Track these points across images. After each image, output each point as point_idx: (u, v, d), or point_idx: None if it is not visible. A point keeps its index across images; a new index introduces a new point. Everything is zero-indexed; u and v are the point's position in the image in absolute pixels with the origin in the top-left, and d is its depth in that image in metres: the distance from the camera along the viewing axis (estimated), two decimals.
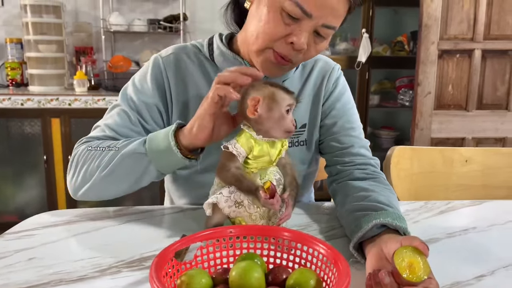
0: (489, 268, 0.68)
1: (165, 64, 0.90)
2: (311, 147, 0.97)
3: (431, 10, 2.43)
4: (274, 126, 0.69)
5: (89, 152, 0.83)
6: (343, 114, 0.95)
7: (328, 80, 0.97)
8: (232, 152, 0.69)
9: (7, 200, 2.59)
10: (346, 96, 0.98)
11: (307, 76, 0.97)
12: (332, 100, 0.96)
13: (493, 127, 2.58)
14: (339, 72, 1.00)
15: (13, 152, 2.54)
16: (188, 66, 0.91)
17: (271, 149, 0.70)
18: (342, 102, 0.97)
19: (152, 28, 2.84)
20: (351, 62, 2.93)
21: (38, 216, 0.87)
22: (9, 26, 2.87)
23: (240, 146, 0.69)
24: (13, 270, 0.65)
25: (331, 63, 1.00)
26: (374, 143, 3.26)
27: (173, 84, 0.90)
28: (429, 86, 2.52)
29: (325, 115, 0.96)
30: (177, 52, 0.92)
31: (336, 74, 0.98)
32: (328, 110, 0.96)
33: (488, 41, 2.48)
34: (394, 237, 0.63)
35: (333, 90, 0.97)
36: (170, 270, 0.55)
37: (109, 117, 0.88)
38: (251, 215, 0.69)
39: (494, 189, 1.24)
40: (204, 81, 0.91)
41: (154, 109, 0.89)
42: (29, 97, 2.43)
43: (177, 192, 0.99)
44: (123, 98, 0.89)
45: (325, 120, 0.96)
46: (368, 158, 0.93)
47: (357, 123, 0.97)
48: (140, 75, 0.92)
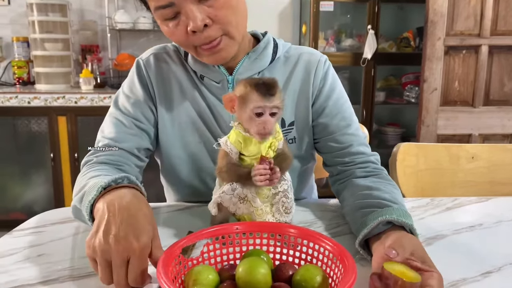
0: (496, 264, 0.68)
1: (145, 65, 0.93)
2: (302, 145, 0.94)
3: (437, 6, 2.41)
4: (248, 126, 0.69)
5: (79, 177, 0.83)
6: (337, 111, 0.92)
7: (315, 75, 0.92)
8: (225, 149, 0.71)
9: (15, 197, 2.61)
10: (338, 91, 0.94)
11: (290, 70, 0.93)
12: (323, 98, 0.92)
13: (500, 123, 2.56)
14: (327, 64, 0.94)
15: (20, 150, 2.56)
16: (170, 64, 0.94)
17: (261, 144, 0.69)
18: (334, 98, 0.92)
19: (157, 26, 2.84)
20: (356, 59, 2.92)
21: (46, 213, 0.88)
22: (16, 25, 2.88)
23: (231, 143, 0.70)
24: (22, 266, 0.66)
25: (317, 55, 0.95)
26: (380, 140, 3.25)
27: (155, 82, 0.92)
28: (435, 83, 2.50)
29: (318, 114, 0.92)
30: (157, 52, 0.95)
31: (324, 68, 0.93)
32: (320, 109, 0.92)
33: (495, 36, 2.46)
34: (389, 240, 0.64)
35: (323, 86, 0.92)
36: (177, 266, 0.55)
37: (106, 127, 0.91)
38: (257, 210, 0.70)
39: (500, 185, 1.23)
40: (186, 77, 0.93)
41: (146, 108, 0.91)
42: (35, 95, 2.45)
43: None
44: (115, 106, 0.92)
45: (318, 119, 0.92)
46: (368, 155, 0.91)
47: (352, 118, 0.93)
48: (127, 81, 0.95)
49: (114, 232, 0.58)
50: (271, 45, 0.92)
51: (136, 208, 0.63)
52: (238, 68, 0.90)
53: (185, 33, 0.79)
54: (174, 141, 0.93)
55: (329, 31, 3.06)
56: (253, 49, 0.91)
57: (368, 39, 2.83)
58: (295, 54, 0.94)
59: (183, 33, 0.80)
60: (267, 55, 0.91)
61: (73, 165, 2.51)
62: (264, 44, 0.92)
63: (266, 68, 0.91)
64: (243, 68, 0.90)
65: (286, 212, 0.71)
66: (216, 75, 0.90)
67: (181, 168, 0.95)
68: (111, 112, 0.92)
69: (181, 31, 0.79)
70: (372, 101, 3.01)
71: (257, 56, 0.90)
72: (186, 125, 0.92)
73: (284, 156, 0.73)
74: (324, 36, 2.99)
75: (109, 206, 0.62)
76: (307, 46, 1.06)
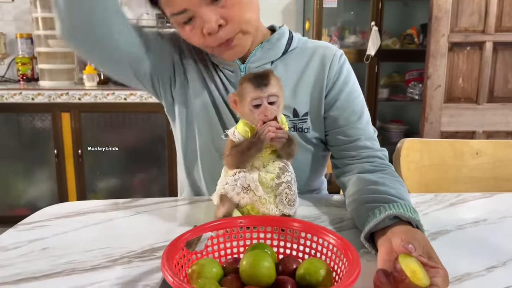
0: (500, 259, 0.67)
1: (181, 39, 0.93)
2: (316, 134, 0.94)
3: (441, 2, 2.40)
4: (251, 120, 0.72)
5: None
6: (348, 105, 0.92)
7: (330, 69, 0.93)
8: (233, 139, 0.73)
9: (19, 194, 2.62)
10: (351, 85, 0.94)
11: (306, 62, 0.94)
12: (336, 91, 0.92)
13: (504, 120, 2.55)
14: (343, 58, 0.95)
15: (24, 147, 2.57)
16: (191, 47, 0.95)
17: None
18: (347, 92, 0.93)
19: (161, 23, 2.84)
20: (360, 55, 2.91)
21: (50, 207, 0.88)
22: (19, 22, 2.89)
23: (239, 133, 0.72)
24: (27, 260, 0.66)
25: (332, 49, 0.96)
26: (383, 136, 3.24)
27: (188, 54, 0.94)
28: (439, 79, 2.49)
29: (330, 106, 0.93)
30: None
31: (339, 62, 0.94)
32: (332, 101, 0.93)
33: (500, 33, 2.44)
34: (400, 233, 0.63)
35: (336, 80, 0.93)
36: (182, 259, 0.55)
37: None
38: (260, 199, 0.70)
39: (505, 181, 1.23)
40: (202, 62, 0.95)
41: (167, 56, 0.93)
42: (39, 91, 2.45)
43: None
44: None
45: (329, 112, 0.93)
46: (375, 150, 0.91)
47: (363, 111, 0.93)
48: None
49: None
50: (285, 37, 0.94)
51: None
52: (251, 57, 0.92)
53: (201, 36, 0.82)
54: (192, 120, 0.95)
55: (333, 27, 3.05)
56: (267, 39, 0.93)
57: (371, 35, 2.82)
58: (311, 47, 0.96)
59: (199, 36, 0.82)
60: (280, 46, 0.93)
61: (77, 162, 2.52)
62: (278, 35, 0.93)
63: (279, 58, 0.93)
64: (256, 57, 0.92)
65: (290, 204, 0.71)
66: (229, 63, 0.92)
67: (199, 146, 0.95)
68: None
69: (197, 34, 0.82)
70: (376, 98, 3.00)
71: (270, 46, 0.92)
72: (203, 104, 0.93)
73: (291, 140, 0.74)
74: (327, 32, 2.98)
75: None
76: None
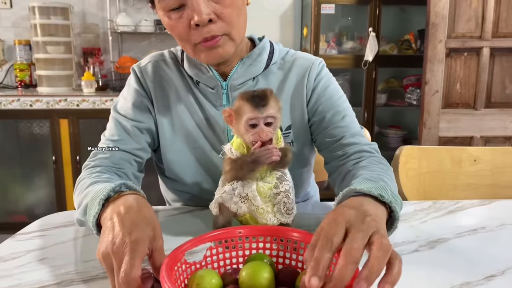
0: (500, 268, 0.67)
1: (142, 72, 0.95)
2: (299, 147, 0.94)
3: (438, 8, 2.41)
4: (245, 138, 0.71)
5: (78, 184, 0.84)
6: (331, 107, 0.91)
7: (308, 78, 0.92)
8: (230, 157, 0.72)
9: (17, 200, 2.62)
10: (331, 89, 0.94)
11: (284, 75, 0.93)
12: (316, 97, 0.92)
13: (502, 125, 2.56)
14: (320, 66, 0.95)
15: (22, 153, 2.56)
16: (166, 71, 0.95)
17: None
18: (327, 96, 0.92)
19: (159, 29, 2.85)
20: (358, 61, 2.92)
21: (49, 217, 0.88)
22: (18, 28, 2.90)
23: (235, 149, 0.72)
24: (25, 270, 0.66)
25: (311, 59, 0.95)
26: (381, 142, 3.24)
27: (152, 89, 0.93)
28: (437, 85, 2.50)
29: (312, 113, 0.93)
30: (155, 60, 0.96)
31: (317, 70, 0.94)
32: (314, 108, 0.92)
33: (497, 39, 2.46)
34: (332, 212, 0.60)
35: (315, 87, 0.93)
36: (180, 270, 0.55)
37: (107, 130, 0.92)
38: (258, 209, 0.70)
39: (503, 188, 1.23)
40: (182, 83, 0.94)
41: (146, 110, 0.93)
42: (37, 98, 2.46)
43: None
44: (115, 110, 0.94)
45: (313, 118, 0.93)
46: (362, 145, 0.88)
47: (347, 111, 0.92)
48: (126, 87, 0.96)
49: (112, 237, 0.58)
50: (266, 51, 0.93)
51: (136, 212, 0.63)
52: (232, 74, 0.90)
53: (187, 27, 0.80)
54: (172, 146, 0.93)
55: (330, 33, 3.06)
56: (248, 55, 0.91)
57: (369, 41, 2.83)
58: (290, 60, 0.95)
59: (185, 27, 0.80)
60: (261, 61, 0.91)
61: (75, 168, 2.51)
62: (258, 50, 0.92)
63: (261, 74, 0.92)
64: (237, 74, 0.90)
65: (288, 213, 0.71)
66: (210, 80, 0.90)
67: (181, 171, 0.95)
68: (112, 116, 0.93)
69: (183, 24, 0.80)
70: (374, 104, 3.01)
71: (251, 62, 0.91)
72: (183, 130, 0.92)
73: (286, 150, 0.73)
74: (325, 38, 2.99)
75: (112, 216, 0.62)
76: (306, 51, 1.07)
